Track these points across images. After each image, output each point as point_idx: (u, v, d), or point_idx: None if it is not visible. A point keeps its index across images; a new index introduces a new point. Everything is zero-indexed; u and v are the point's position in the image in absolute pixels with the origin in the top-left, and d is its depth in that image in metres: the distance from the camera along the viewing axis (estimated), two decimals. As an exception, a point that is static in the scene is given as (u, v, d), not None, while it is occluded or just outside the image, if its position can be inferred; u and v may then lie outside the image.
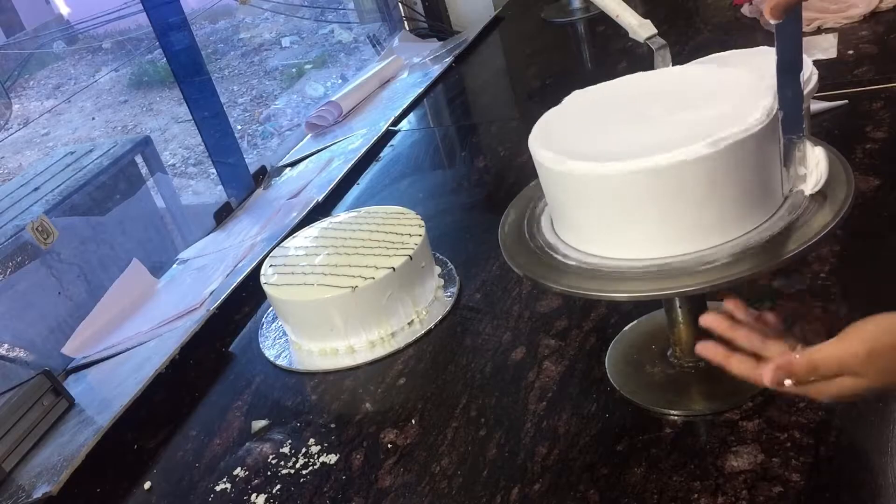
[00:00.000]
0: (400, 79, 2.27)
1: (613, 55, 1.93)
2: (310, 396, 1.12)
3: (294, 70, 4.91)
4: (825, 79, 1.18)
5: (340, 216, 1.36)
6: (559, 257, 0.82)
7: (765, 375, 0.67)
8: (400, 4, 2.60)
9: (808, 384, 0.66)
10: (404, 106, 2.02)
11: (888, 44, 1.52)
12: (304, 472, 0.98)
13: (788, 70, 0.76)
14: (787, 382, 0.67)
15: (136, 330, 1.40)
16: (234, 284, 1.40)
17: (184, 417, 1.15)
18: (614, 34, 2.00)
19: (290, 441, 1.04)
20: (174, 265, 1.64)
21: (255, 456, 1.03)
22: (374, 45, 2.62)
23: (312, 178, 1.79)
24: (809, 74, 1.11)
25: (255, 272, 1.34)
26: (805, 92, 1.10)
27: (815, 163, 0.77)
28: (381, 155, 1.83)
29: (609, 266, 0.78)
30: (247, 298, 1.39)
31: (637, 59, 1.80)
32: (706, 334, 0.92)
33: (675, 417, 0.88)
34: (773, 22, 0.74)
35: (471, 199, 1.53)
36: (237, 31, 5.52)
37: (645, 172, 0.73)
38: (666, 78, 0.91)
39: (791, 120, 0.77)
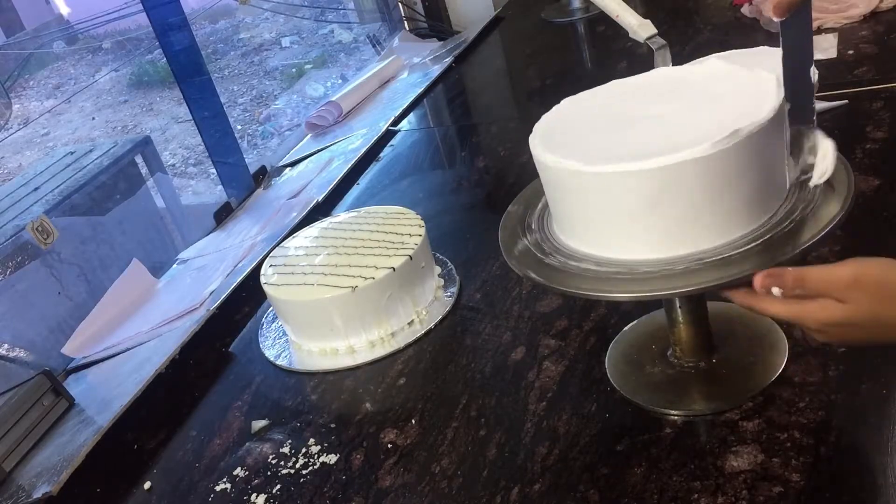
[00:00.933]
0: (400, 79, 2.27)
1: (613, 55, 1.93)
2: (310, 396, 1.12)
3: (294, 70, 4.91)
4: (825, 79, 1.18)
5: (340, 216, 1.36)
6: (559, 257, 0.82)
7: (756, 280, 0.70)
8: (400, 4, 2.60)
9: (795, 298, 0.70)
10: (404, 106, 2.02)
11: (888, 44, 1.52)
12: (304, 472, 0.98)
13: (797, 61, 0.77)
14: (776, 290, 0.70)
15: (136, 330, 1.40)
16: (234, 284, 1.40)
17: (184, 417, 1.15)
18: (614, 34, 2.00)
19: (290, 441, 1.04)
20: (174, 265, 1.64)
21: (255, 456, 1.03)
22: (374, 45, 2.62)
23: (312, 178, 1.79)
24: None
25: (255, 272, 1.34)
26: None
27: (823, 154, 0.77)
28: (381, 155, 1.83)
29: (609, 266, 0.78)
30: (247, 298, 1.39)
31: (637, 59, 1.80)
32: (707, 334, 0.92)
33: (675, 417, 0.88)
34: (776, 20, 0.75)
35: (471, 199, 1.53)
36: (237, 31, 5.52)
37: (646, 173, 0.73)
38: (667, 78, 0.91)
39: (800, 110, 0.78)
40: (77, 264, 1.66)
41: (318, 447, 1.01)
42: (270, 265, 1.26)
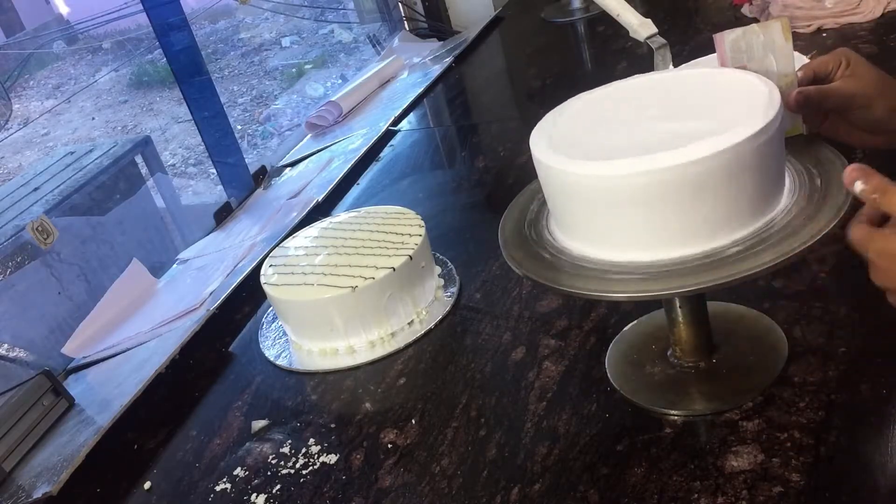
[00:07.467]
0: (400, 79, 2.27)
1: (613, 55, 1.93)
2: (310, 396, 1.12)
3: (294, 70, 4.92)
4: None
5: (340, 216, 1.36)
6: (559, 257, 0.82)
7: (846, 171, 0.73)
8: (400, 4, 2.60)
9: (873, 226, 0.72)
10: (404, 106, 2.02)
11: (888, 44, 1.52)
12: (304, 472, 0.98)
13: None
14: (858, 186, 0.71)
15: (136, 330, 1.40)
16: (234, 284, 1.40)
17: (184, 417, 1.15)
18: (614, 34, 2.01)
19: (290, 441, 1.04)
20: (174, 265, 1.64)
21: (255, 456, 1.03)
22: (374, 45, 2.62)
23: (312, 178, 1.79)
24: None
25: (255, 272, 1.34)
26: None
27: None
28: (381, 155, 1.83)
29: (609, 266, 0.78)
30: (247, 298, 1.39)
31: (637, 59, 1.80)
32: (707, 334, 0.92)
33: (675, 417, 0.88)
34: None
35: (471, 199, 1.53)
36: (237, 31, 5.52)
37: (646, 174, 0.73)
38: (667, 80, 0.91)
39: None
40: (77, 264, 1.66)
41: (318, 447, 1.01)
42: (270, 265, 1.26)
